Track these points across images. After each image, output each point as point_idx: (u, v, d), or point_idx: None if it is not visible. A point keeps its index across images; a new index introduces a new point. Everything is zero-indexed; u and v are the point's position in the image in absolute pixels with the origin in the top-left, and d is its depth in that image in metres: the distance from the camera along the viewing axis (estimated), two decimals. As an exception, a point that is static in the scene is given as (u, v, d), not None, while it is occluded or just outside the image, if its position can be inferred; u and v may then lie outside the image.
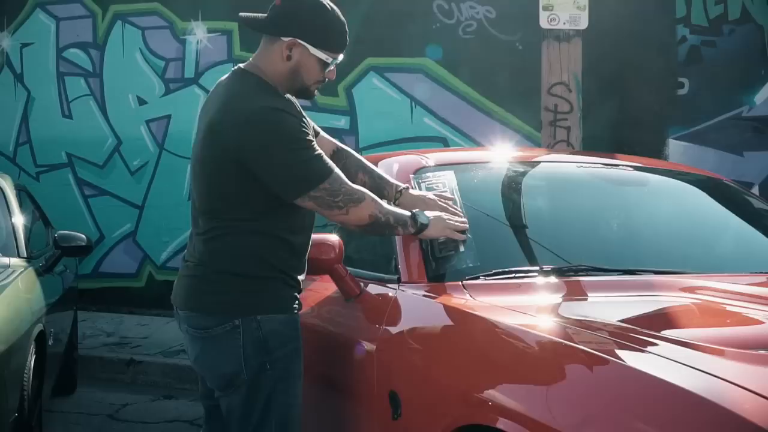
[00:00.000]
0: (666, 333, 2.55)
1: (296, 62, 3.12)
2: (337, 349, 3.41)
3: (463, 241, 3.26)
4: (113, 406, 6.57)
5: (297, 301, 3.21)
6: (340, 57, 3.20)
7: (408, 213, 3.21)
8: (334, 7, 3.17)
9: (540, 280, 3.16)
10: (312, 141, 3.08)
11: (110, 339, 8.35)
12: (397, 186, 3.49)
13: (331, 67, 3.18)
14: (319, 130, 3.46)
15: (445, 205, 3.38)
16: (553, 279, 3.16)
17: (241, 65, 3.23)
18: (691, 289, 3.05)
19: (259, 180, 3.04)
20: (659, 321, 2.81)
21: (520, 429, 2.35)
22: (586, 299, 3.07)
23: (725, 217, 4.02)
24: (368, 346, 3.22)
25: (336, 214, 3.09)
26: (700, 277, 3.24)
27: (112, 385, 7.29)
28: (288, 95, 3.20)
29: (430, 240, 3.27)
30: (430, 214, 3.24)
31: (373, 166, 3.55)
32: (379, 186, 3.48)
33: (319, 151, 3.08)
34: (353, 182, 3.45)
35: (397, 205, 3.43)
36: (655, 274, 3.26)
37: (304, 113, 3.20)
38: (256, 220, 3.08)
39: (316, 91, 3.25)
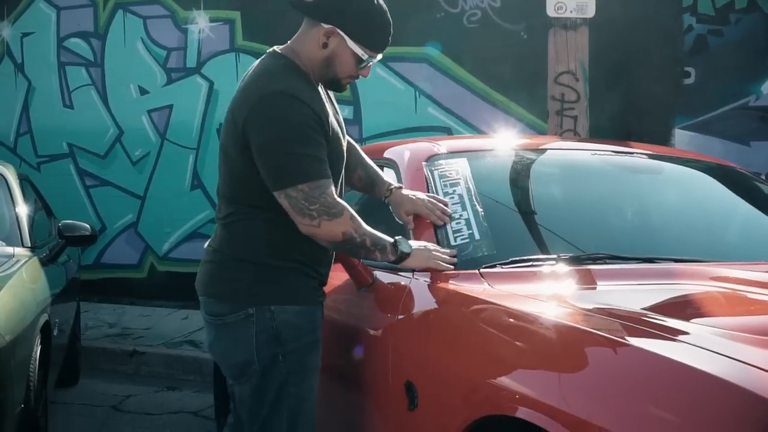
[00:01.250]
0: (689, 320, 2.51)
1: (331, 51, 3.04)
2: (350, 338, 3.35)
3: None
4: (116, 398, 6.53)
5: (318, 293, 3.15)
6: (378, 56, 3.11)
7: (390, 240, 3.10)
8: (383, 5, 3.07)
9: (558, 268, 3.10)
10: (315, 139, 2.95)
11: (112, 330, 8.31)
12: (389, 184, 3.44)
13: (367, 65, 3.08)
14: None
15: (432, 206, 3.32)
16: (571, 267, 3.10)
17: (278, 47, 3.15)
18: (713, 278, 3.01)
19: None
20: (682, 308, 2.77)
21: (541, 417, 2.30)
22: (606, 287, 3.01)
23: (741, 205, 3.98)
24: (382, 335, 3.17)
25: (306, 223, 2.95)
26: (720, 265, 3.20)
27: (115, 376, 7.25)
28: (320, 85, 3.13)
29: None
30: (414, 244, 3.14)
31: (371, 163, 3.50)
32: (373, 182, 3.45)
33: (319, 153, 2.96)
34: (351, 177, 3.38)
35: (387, 203, 3.41)
36: (674, 262, 3.21)
37: (330, 108, 3.09)
38: (272, 208, 3.00)
39: (347, 85, 3.18)
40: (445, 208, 3.34)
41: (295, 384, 3.05)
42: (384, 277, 3.38)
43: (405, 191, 3.42)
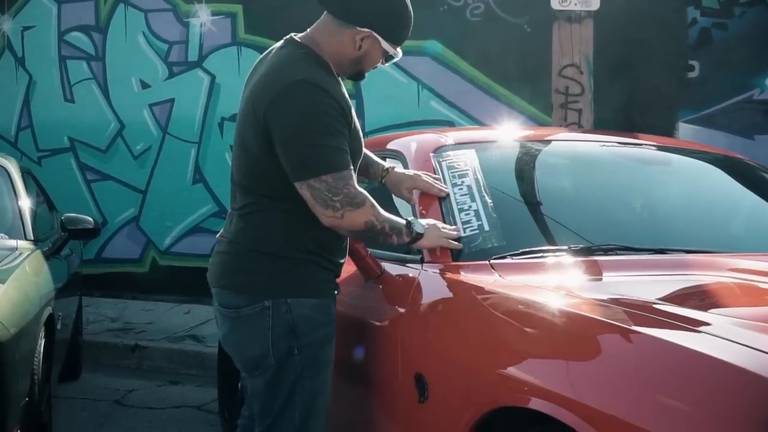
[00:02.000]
0: (704, 310, 2.49)
1: (364, 51, 3.04)
2: (359, 331, 3.32)
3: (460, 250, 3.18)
4: (119, 392, 6.50)
5: (333, 285, 3.12)
6: (401, 52, 3.11)
7: (403, 221, 3.10)
8: (409, 2, 3.09)
9: (569, 259, 3.08)
10: (338, 130, 2.92)
11: (114, 324, 8.29)
12: (382, 166, 3.47)
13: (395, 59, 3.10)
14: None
15: (431, 182, 3.38)
16: (582, 258, 3.08)
17: (296, 35, 3.11)
18: (725, 268, 2.99)
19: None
20: (696, 298, 2.75)
21: (554, 408, 2.28)
22: (617, 278, 2.98)
23: (751, 196, 3.96)
24: (391, 327, 3.14)
25: (329, 214, 2.92)
26: (732, 255, 3.18)
27: (117, 370, 7.23)
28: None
29: None
30: (424, 222, 3.16)
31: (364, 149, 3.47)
32: (367, 164, 3.45)
33: (341, 144, 2.93)
34: None
35: (383, 184, 3.45)
36: (685, 253, 3.19)
37: (347, 99, 3.04)
38: (291, 199, 2.96)
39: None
40: (442, 183, 3.42)
41: (309, 378, 3.01)
42: (392, 268, 3.35)
43: (399, 170, 3.45)
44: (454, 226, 3.22)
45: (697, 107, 8.53)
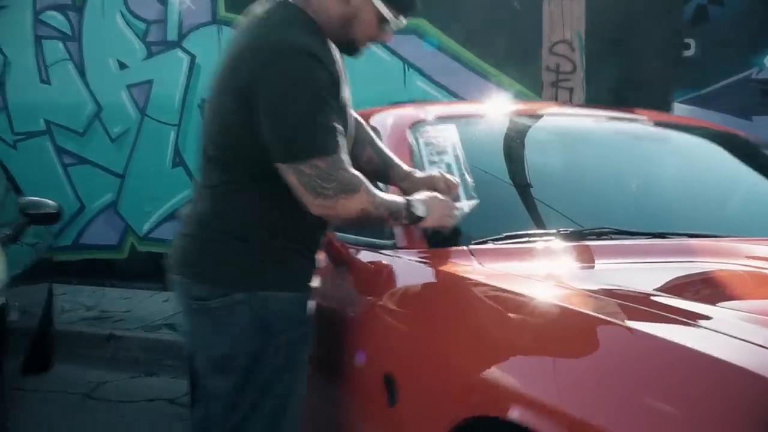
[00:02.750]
0: (708, 302, 2.21)
1: (354, 9, 2.68)
2: (325, 323, 3.03)
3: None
4: (91, 384, 6.31)
5: (312, 276, 2.79)
6: (404, 21, 2.78)
7: (402, 201, 2.75)
8: None
9: (557, 244, 2.82)
10: (332, 106, 2.58)
11: (90, 313, 8.14)
12: (403, 169, 3.03)
13: (390, 26, 2.75)
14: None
15: (450, 182, 2.94)
16: (572, 243, 2.82)
17: None
18: (732, 254, 2.74)
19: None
20: (699, 289, 2.51)
21: (536, 417, 1.99)
22: (612, 266, 2.72)
23: (759, 176, 3.72)
24: (359, 321, 2.88)
25: (319, 203, 2.58)
26: (739, 240, 2.93)
27: (92, 361, 7.04)
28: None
29: None
30: (423, 196, 2.78)
31: (382, 145, 3.11)
32: (386, 166, 3.05)
33: (335, 122, 2.58)
34: (360, 156, 2.99)
35: (404, 191, 2.96)
36: (687, 237, 2.94)
37: (340, 67, 2.70)
38: (273, 179, 2.61)
39: (362, 50, 2.83)
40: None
41: (280, 381, 2.70)
42: (362, 255, 3.09)
43: (418, 174, 3.02)
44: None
45: (693, 87, 8.37)
